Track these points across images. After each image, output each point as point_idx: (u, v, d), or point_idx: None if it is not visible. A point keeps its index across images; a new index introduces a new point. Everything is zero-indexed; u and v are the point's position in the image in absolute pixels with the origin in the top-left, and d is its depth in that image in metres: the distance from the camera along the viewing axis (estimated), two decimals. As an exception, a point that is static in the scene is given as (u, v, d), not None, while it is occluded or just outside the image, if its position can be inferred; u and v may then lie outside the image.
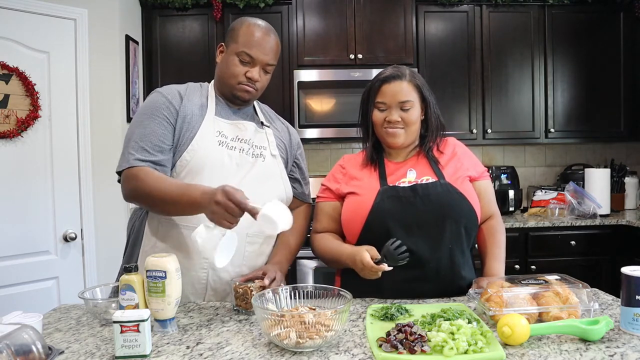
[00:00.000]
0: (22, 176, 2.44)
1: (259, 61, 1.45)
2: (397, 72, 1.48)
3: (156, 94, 1.46)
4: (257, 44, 1.44)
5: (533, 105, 3.33)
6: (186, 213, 1.32)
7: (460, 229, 1.42)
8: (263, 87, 1.52)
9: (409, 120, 1.46)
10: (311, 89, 3.14)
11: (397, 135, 1.47)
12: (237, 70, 1.45)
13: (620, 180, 3.38)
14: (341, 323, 1.05)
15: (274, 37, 1.48)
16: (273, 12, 3.18)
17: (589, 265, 2.97)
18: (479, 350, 0.97)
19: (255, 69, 1.45)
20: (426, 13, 3.27)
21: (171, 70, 3.20)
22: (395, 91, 1.46)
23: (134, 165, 1.33)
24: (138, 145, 1.36)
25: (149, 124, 1.38)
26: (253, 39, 1.44)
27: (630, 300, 1.07)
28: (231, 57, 1.46)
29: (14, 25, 2.41)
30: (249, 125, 1.51)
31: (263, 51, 1.45)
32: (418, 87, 1.48)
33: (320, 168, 3.55)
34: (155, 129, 1.38)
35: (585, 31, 3.32)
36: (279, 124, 1.65)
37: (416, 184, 1.44)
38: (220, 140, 1.45)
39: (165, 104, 1.41)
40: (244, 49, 1.43)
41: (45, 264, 2.52)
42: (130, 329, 1.01)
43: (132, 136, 1.38)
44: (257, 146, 1.51)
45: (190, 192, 1.24)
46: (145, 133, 1.37)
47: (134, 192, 1.34)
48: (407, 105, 1.45)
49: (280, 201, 1.48)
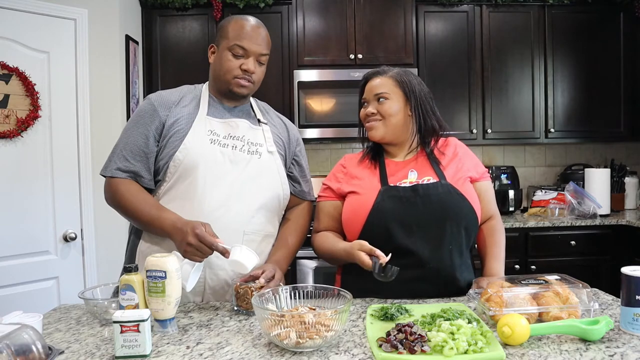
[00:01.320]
0: (22, 176, 2.44)
1: (252, 52, 1.45)
2: (380, 70, 1.53)
3: (146, 101, 1.49)
4: (248, 35, 1.45)
5: (533, 105, 3.33)
6: (156, 233, 1.40)
7: (460, 229, 1.42)
8: (259, 79, 1.52)
9: (385, 111, 1.47)
10: (311, 89, 3.14)
11: (374, 127, 1.49)
12: (232, 64, 1.45)
13: (620, 180, 3.38)
14: (341, 323, 1.05)
15: (263, 29, 1.50)
16: (273, 12, 3.18)
17: (589, 265, 2.97)
18: (479, 350, 0.97)
19: (249, 60, 1.46)
20: (426, 13, 3.27)
21: (171, 70, 3.20)
22: (373, 86, 1.51)
23: (115, 175, 1.42)
24: (121, 154, 1.43)
25: (133, 132, 1.45)
26: (243, 31, 1.45)
27: (630, 300, 1.07)
28: (224, 53, 1.46)
29: (14, 25, 2.41)
30: (240, 122, 1.52)
31: (255, 41, 1.45)
32: (399, 82, 1.49)
33: (320, 168, 3.55)
34: (137, 138, 1.43)
35: (586, 31, 3.32)
36: (277, 120, 1.65)
37: (417, 184, 1.44)
38: (212, 138, 1.46)
39: (149, 112, 1.45)
40: (236, 41, 1.44)
41: (45, 264, 2.52)
42: (130, 329, 1.01)
43: (119, 143, 1.46)
44: (253, 143, 1.51)
45: (161, 222, 1.34)
46: (128, 142, 1.44)
47: (113, 202, 1.44)
48: (382, 96, 1.48)
49: (277, 198, 1.54)
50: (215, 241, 1.26)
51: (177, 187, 1.43)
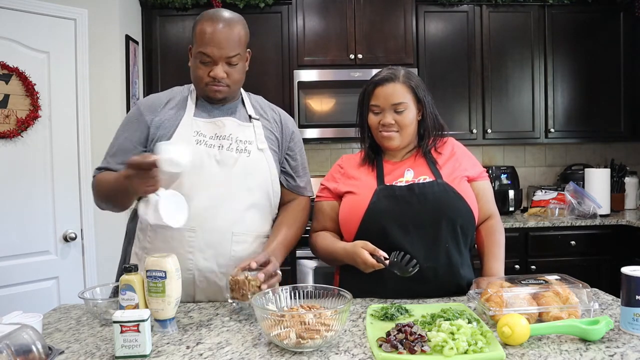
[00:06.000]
0: (22, 176, 2.44)
1: (217, 57, 1.40)
2: (391, 75, 1.47)
3: (134, 107, 1.52)
4: (209, 40, 1.38)
5: (533, 105, 3.33)
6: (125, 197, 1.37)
7: (456, 228, 1.41)
8: (236, 80, 1.46)
9: (403, 122, 1.46)
10: (311, 89, 3.14)
11: (392, 138, 1.47)
12: (201, 72, 1.43)
13: (620, 180, 3.38)
14: (341, 323, 1.05)
15: (228, 28, 1.40)
16: (273, 12, 3.18)
17: (589, 265, 2.97)
18: (479, 350, 0.97)
19: (217, 67, 1.41)
20: (426, 13, 3.27)
21: (171, 70, 3.19)
22: (388, 94, 1.45)
23: (94, 174, 1.46)
24: (106, 160, 1.47)
25: (119, 137, 1.49)
26: (205, 37, 1.39)
27: (630, 300, 1.07)
28: (194, 61, 1.44)
29: (14, 25, 2.41)
30: (227, 121, 1.49)
31: (218, 46, 1.39)
32: (412, 89, 1.47)
33: (320, 168, 3.55)
34: (122, 142, 1.46)
35: (585, 31, 3.32)
36: (271, 114, 1.59)
37: (413, 184, 1.44)
38: (197, 139, 1.44)
39: (136, 116, 1.48)
40: (200, 48, 1.40)
41: (45, 264, 2.51)
42: (130, 329, 1.01)
43: (108, 148, 1.49)
44: (242, 141, 1.48)
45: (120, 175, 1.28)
46: (114, 145, 1.48)
47: (95, 196, 1.46)
48: (400, 107, 1.45)
49: (267, 196, 1.51)
50: (145, 155, 1.19)
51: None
